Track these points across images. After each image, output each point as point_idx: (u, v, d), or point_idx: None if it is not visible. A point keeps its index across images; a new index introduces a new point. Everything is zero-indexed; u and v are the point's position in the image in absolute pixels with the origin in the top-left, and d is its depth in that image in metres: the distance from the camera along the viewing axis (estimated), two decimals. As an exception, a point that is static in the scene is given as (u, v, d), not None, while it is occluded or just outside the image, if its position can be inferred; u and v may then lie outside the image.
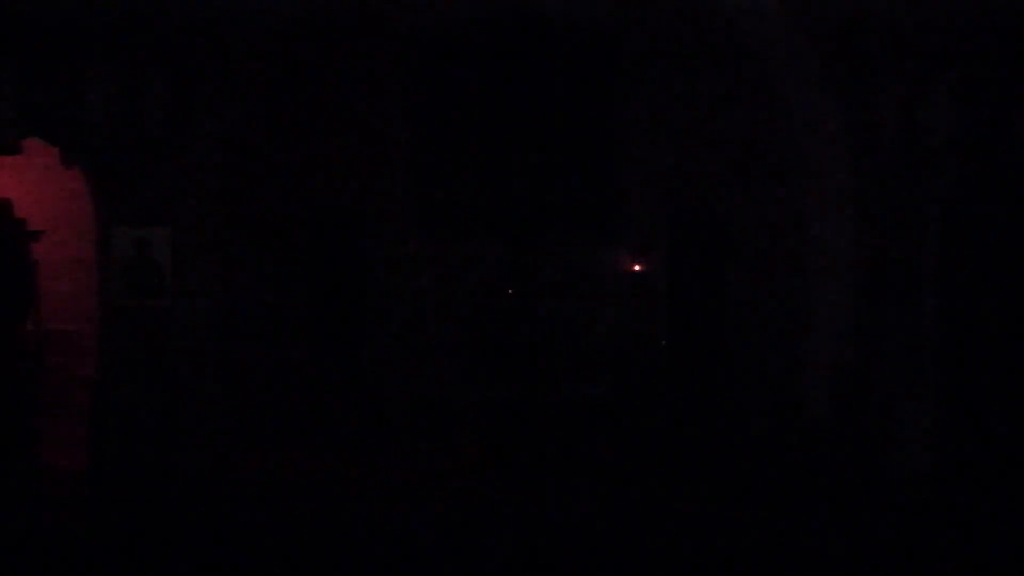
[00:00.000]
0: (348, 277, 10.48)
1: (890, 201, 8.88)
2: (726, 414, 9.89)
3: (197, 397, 9.29)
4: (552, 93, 10.50)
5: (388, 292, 10.41)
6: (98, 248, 9.01)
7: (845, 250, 9.38)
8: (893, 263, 8.82)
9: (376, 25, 10.31)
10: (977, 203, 8.80)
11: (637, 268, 10.29)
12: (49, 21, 8.58)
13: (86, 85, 8.63)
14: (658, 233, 10.38)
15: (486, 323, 10.24)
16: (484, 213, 10.52)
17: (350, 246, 10.49)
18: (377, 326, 10.42)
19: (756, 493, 8.39)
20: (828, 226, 9.72)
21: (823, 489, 8.56)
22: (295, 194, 10.35)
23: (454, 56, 10.51)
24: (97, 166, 8.84)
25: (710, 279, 10.46)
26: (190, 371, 9.18)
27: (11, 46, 8.56)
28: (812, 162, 9.97)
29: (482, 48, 10.49)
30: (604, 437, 9.65)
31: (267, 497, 8.27)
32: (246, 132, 10.13)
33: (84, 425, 8.88)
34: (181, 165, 9.06)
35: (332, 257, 10.48)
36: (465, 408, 9.83)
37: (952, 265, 8.76)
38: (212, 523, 7.50)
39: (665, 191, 10.37)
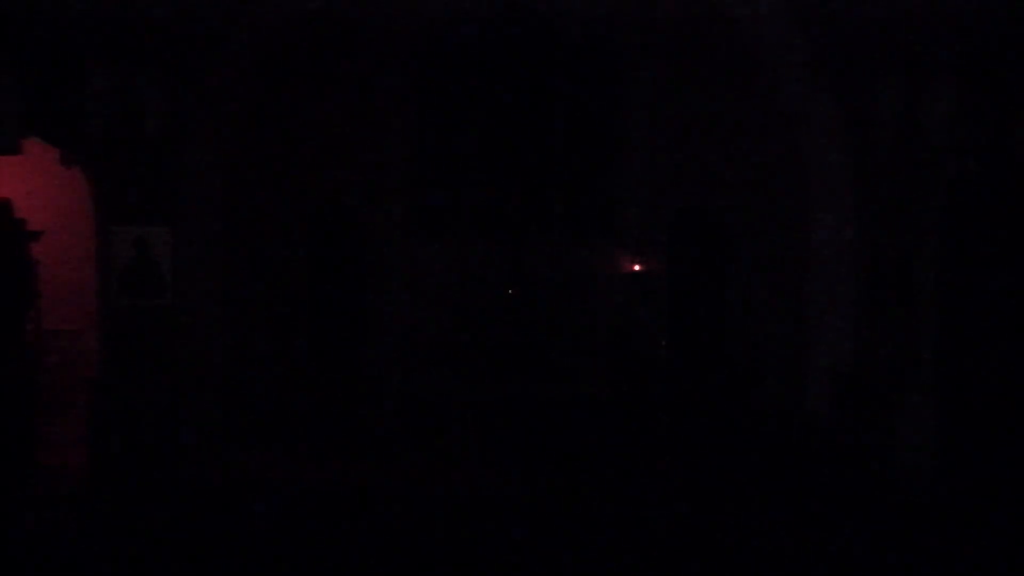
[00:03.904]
0: (348, 277, 10.49)
1: (890, 201, 8.87)
2: (726, 414, 9.88)
3: (197, 397, 9.29)
4: (552, 93, 10.51)
5: (388, 292, 10.41)
6: (98, 248, 9.01)
7: (845, 250, 9.38)
8: (893, 263, 8.82)
9: (376, 26, 10.31)
10: (977, 203, 8.79)
11: (637, 268, 10.29)
12: (49, 22, 8.58)
13: (86, 85, 8.63)
14: (658, 233, 10.39)
15: (485, 323, 10.24)
16: (484, 213, 10.53)
17: (350, 246, 10.49)
18: (377, 326, 10.42)
19: (756, 492, 8.39)
20: (828, 226, 9.72)
21: (823, 488, 8.56)
22: (295, 194, 10.36)
23: (454, 57, 10.52)
24: (97, 166, 8.84)
25: (710, 279, 10.46)
26: (190, 371, 9.19)
27: (12, 46, 8.56)
28: (812, 162, 9.96)
29: (482, 49, 10.50)
30: (604, 436, 9.64)
31: (267, 496, 8.26)
32: (246, 132, 10.13)
33: (84, 425, 8.88)
34: (181, 165, 9.07)
35: (332, 257, 10.49)
36: (465, 408, 9.83)
37: (952, 265, 8.75)
38: (211, 523, 7.50)
39: (665, 191, 10.37)
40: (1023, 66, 8.50)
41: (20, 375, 8.60)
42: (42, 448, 8.87)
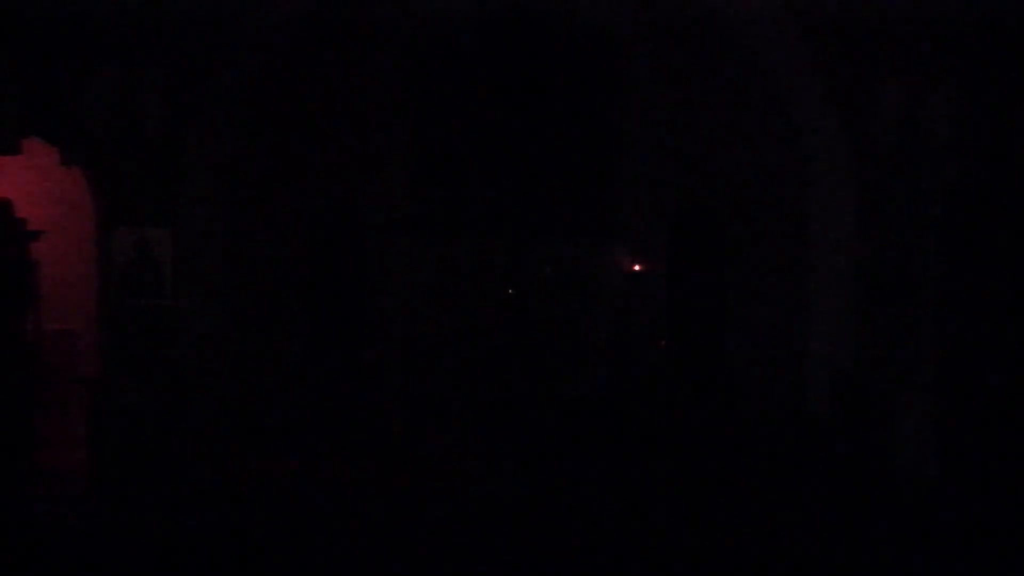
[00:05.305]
0: (348, 277, 10.48)
1: (890, 201, 8.88)
2: (726, 414, 9.89)
3: (197, 397, 9.28)
4: (552, 93, 10.50)
5: (388, 292, 10.41)
6: (98, 248, 9.01)
7: (845, 250, 9.38)
8: (893, 263, 8.82)
9: (375, 26, 10.30)
10: (977, 203, 8.81)
11: (637, 268, 10.28)
12: (49, 22, 8.58)
13: (86, 85, 8.63)
14: (658, 233, 10.38)
15: (485, 323, 10.24)
16: (483, 213, 10.52)
17: (350, 246, 10.49)
18: (377, 326, 10.42)
19: (756, 492, 8.40)
20: (828, 226, 9.72)
21: (823, 488, 8.57)
22: (295, 194, 10.35)
23: (453, 56, 10.51)
24: (97, 166, 8.83)
25: (710, 279, 10.45)
26: (190, 371, 9.18)
27: (12, 46, 8.55)
28: (812, 162, 9.97)
29: (482, 48, 10.49)
30: (604, 437, 9.65)
31: (267, 496, 8.27)
32: (246, 133, 10.13)
33: (84, 425, 8.88)
34: (181, 166, 9.06)
35: (332, 257, 10.48)
36: (465, 408, 9.83)
37: (952, 266, 8.77)
38: (211, 523, 7.50)
39: (664, 191, 10.36)
40: (1023, 66, 8.51)
41: (20, 375, 8.59)
42: (42, 448, 8.87)
